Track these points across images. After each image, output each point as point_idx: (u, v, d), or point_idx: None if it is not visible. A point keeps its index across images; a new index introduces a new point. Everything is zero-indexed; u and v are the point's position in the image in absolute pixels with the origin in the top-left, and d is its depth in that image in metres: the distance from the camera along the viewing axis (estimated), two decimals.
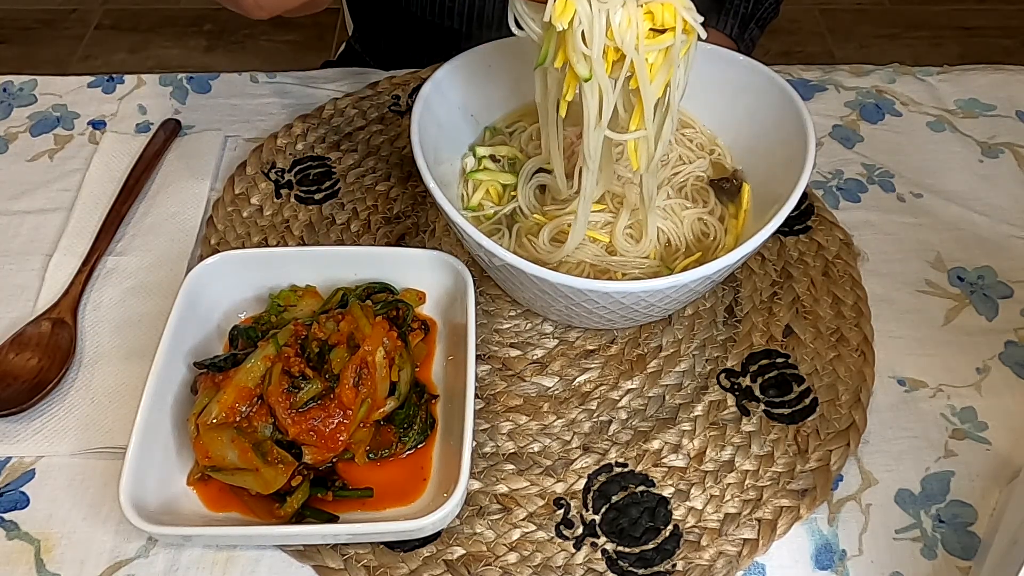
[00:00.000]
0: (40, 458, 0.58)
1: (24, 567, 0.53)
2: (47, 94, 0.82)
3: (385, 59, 0.98)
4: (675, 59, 0.52)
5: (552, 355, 0.63)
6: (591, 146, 0.56)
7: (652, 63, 0.52)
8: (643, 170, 0.58)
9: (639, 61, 0.51)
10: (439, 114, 0.65)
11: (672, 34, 0.51)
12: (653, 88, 0.53)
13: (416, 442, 0.56)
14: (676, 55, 0.52)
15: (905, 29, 2.17)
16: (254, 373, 0.54)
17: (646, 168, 0.58)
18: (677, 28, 0.51)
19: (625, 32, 0.50)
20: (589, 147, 0.56)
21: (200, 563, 0.54)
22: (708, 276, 0.54)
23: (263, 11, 0.55)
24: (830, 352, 0.63)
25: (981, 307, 0.66)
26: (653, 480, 0.57)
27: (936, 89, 0.83)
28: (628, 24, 0.50)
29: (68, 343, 0.62)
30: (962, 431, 0.60)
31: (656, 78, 0.53)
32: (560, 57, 0.53)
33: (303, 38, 2.13)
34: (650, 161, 0.58)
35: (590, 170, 0.57)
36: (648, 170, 0.58)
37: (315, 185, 0.74)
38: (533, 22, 0.53)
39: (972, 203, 0.73)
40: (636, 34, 0.50)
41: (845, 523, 0.56)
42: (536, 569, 0.53)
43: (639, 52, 0.51)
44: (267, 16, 0.56)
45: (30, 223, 0.71)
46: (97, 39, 2.16)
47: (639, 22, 0.50)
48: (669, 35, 0.51)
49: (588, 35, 0.50)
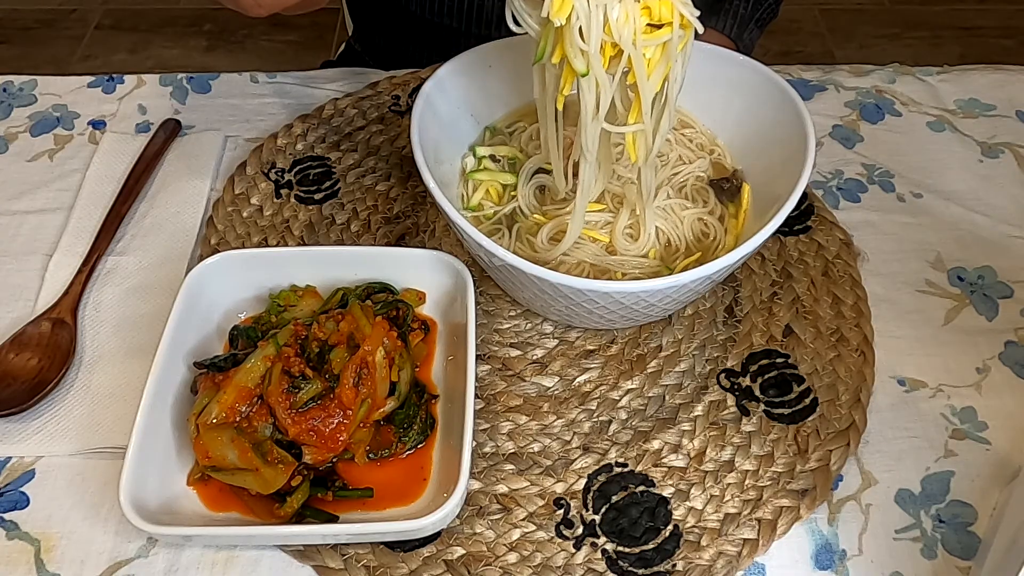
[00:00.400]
0: (40, 458, 0.58)
1: (24, 567, 0.53)
2: (47, 94, 0.82)
3: (385, 59, 0.98)
4: (672, 54, 0.52)
5: (552, 355, 0.63)
6: (589, 138, 0.56)
7: (650, 58, 0.52)
8: (641, 163, 0.58)
9: (636, 56, 0.51)
10: (439, 114, 0.65)
11: (669, 29, 0.51)
12: (651, 83, 0.53)
13: (416, 442, 0.56)
14: (674, 50, 0.52)
15: (905, 29, 2.17)
16: (254, 373, 0.54)
17: (644, 161, 0.58)
18: (675, 23, 0.51)
19: (622, 27, 0.50)
20: (587, 140, 0.56)
21: (200, 563, 0.54)
22: (708, 276, 0.54)
23: (262, 9, 0.55)
24: (830, 352, 0.63)
25: (981, 307, 0.66)
26: (653, 480, 0.57)
27: (936, 89, 0.83)
28: (626, 19, 0.50)
29: (68, 343, 0.62)
30: (962, 431, 0.60)
31: (654, 73, 0.53)
32: (558, 53, 0.53)
33: (303, 38, 2.13)
34: (648, 154, 0.58)
35: (588, 162, 0.57)
36: (646, 163, 0.58)
37: (315, 185, 0.74)
38: (531, 18, 0.53)
39: (972, 203, 0.73)
40: (633, 29, 0.50)
41: (845, 523, 0.56)
42: (536, 569, 0.53)
43: (636, 47, 0.51)
44: (266, 14, 0.56)
45: (30, 223, 0.71)
46: (97, 39, 2.16)
47: (636, 17, 0.50)
48: (666, 30, 0.51)
49: (585, 30, 0.50)
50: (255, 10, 0.56)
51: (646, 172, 0.60)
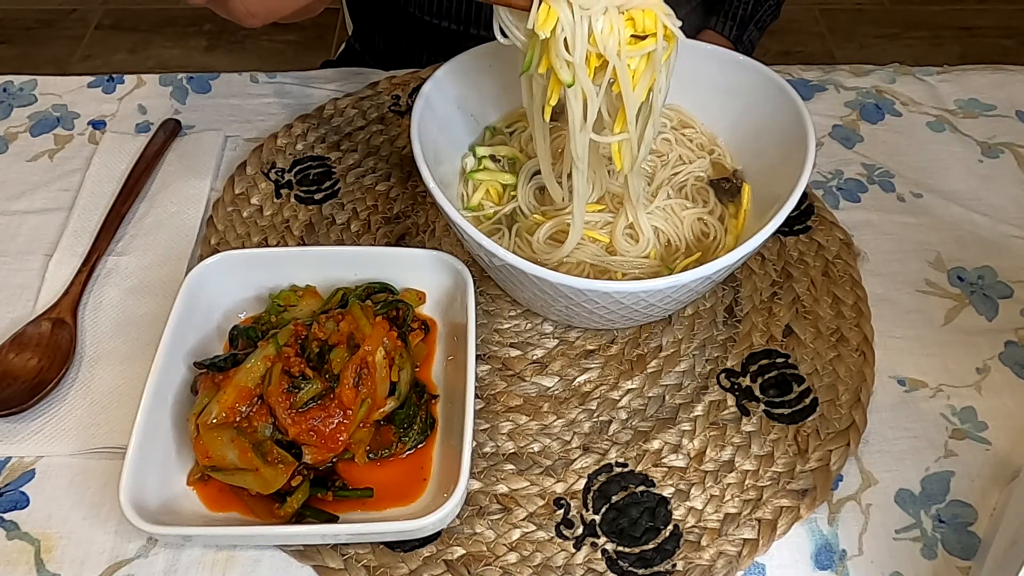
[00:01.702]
0: (40, 458, 0.58)
1: (24, 567, 0.53)
2: (47, 94, 0.82)
3: (385, 59, 0.98)
4: (657, 64, 0.53)
5: (552, 355, 0.63)
6: (579, 148, 0.57)
7: (635, 69, 0.53)
8: (628, 171, 0.59)
9: (621, 67, 0.52)
10: (439, 114, 0.65)
11: (653, 40, 0.52)
12: (636, 93, 0.54)
13: (416, 442, 0.56)
14: (658, 60, 0.53)
15: (905, 29, 2.17)
16: (254, 373, 0.54)
17: (630, 169, 0.59)
18: (659, 34, 0.52)
19: (607, 38, 0.51)
20: (576, 149, 0.57)
21: (200, 563, 0.54)
22: (708, 276, 0.54)
23: (255, 19, 0.56)
24: (830, 352, 0.63)
25: (981, 307, 0.66)
26: (653, 480, 0.57)
27: (936, 89, 0.83)
28: (610, 30, 0.51)
29: (68, 343, 0.62)
30: (962, 431, 0.60)
31: (639, 84, 0.54)
32: (544, 63, 0.53)
33: (303, 38, 2.13)
34: (634, 162, 0.58)
35: (580, 170, 0.58)
36: (632, 171, 0.59)
37: (315, 185, 0.74)
38: (518, 30, 0.54)
39: (972, 203, 0.73)
40: (618, 40, 0.51)
41: (845, 523, 0.56)
42: (536, 569, 0.53)
43: (621, 58, 0.52)
44: (260, 24, 0.56)
45: (30, 223, 0.71)
46: (97, 39, 2.16)
47: (620, 28, 0.51)
48: (651, 41, 0.52)
49: (571, 41, 0.51)
50: (248, 20, 0.56)
51: (633, 180, 0.60)
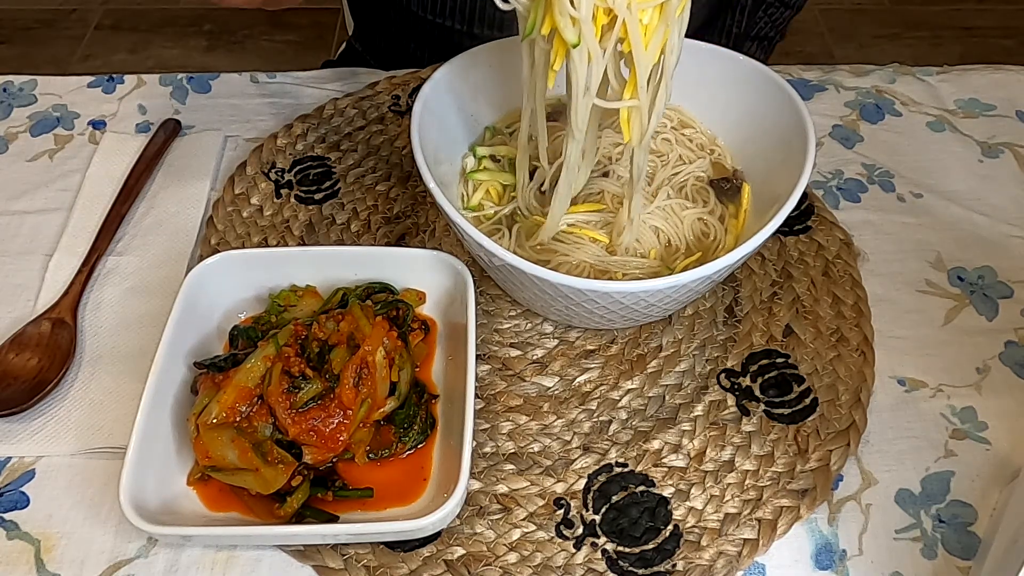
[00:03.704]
0: (40, 458, 0.58)
1: (24, 567, 0.53)
2: (47, 94, 0.82)
3: (385, 59, 0.98)
4: (671, 18, 0.48)
5: (552, 355, 0.63)
6: (579, 117, 0.53)
7: (647, 24, 0.48)
8: (635, 143, 0.56)
9: (632, 21, 0.47)
10: (439, 114, 0.65)
11: None
12: (648, 53, 0.49)
13: (416, 442, 0.56)
14: (671, 13, 0.48)
15: (905, 29, 2.17)
16: (254, 373, 0.54)
17: (639, 142, 0.55)
18: None
19: None
20: (577, 118, 0.53)
21: (200, 563, 0.54)
22: (708, 276, 0.54)
23: None
24: (830, 352, 0.63)
25: (981, 307, 0.66)
26: (653, 480, 0.57)
27: (936, 89, 0.83)
28: None
29: (68, 343, 0.62)
30: (962, 431, 0.60)
31: (651, 42, 0.49)
32: (547, 23, 0.49)
33: (303, 38, 2.13)
34: (643, 134, 0.54)
35: (576, 140, 0.55)
36: (640, 144, 0.56)
37: (315, 185, 0.74)
38: None
39: (972, 203, 0.73)
40: None
41: (845, 523, 0.56)
42: (536, 569, 0.53)
43: (632, 11, 0.47)
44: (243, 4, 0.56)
45: (30, 223, 0.71)
46: (97, 39, 2.16)
47: None
48: None
49: None
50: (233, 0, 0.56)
51: (639, 155, 0.57)
